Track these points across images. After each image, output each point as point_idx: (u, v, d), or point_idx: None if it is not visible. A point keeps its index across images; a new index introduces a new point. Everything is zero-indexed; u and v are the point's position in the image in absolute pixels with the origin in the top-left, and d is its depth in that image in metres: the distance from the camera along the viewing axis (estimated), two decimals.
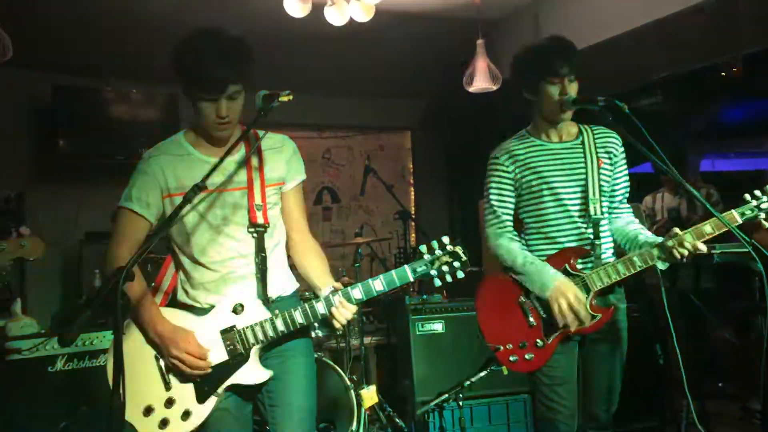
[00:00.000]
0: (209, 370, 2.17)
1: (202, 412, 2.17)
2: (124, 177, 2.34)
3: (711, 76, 4.90)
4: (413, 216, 7.00)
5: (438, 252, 2.18)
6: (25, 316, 4.53)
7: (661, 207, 4.96)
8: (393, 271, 2.17)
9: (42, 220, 5.69)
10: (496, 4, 5.45)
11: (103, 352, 3.82)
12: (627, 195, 2.82)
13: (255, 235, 2.27)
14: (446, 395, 3.85)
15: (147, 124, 5.81)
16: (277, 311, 2.21)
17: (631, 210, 2.83)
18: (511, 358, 2.56)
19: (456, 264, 2.17)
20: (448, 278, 2.18)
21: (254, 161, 2.31)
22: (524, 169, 2.66)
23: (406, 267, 2.17)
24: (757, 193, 2.53)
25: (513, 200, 2.70)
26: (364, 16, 4.56)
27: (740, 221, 2.51)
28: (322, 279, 2.31)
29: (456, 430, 3.99)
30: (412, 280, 2.16)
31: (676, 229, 2.50)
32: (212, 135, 2.24)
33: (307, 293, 2.88)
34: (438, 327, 4.49)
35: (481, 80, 5.16)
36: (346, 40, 5.22)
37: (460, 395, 3.80)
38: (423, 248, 2.18)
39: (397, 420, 4.47)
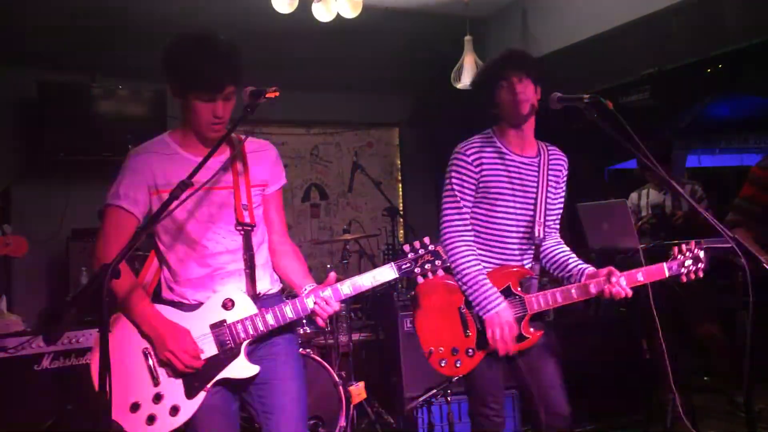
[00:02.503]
0: (194, 369, 2.18)
1: (191, 407, 2.17)
2: (111, 173, 2.33)
3: (697, 72, 4.93)
4: (401, 212, 7.01)
5: (421, 251, 2.25)
6: (10, 313, 4.50)
7: (646, 203, 4.98)
8: (379, 269, 2.24)
9: (28, 218, 5.66)
10: (484, 1, 5.45)
11: (89, 350, 3.81)
12: (560, 216, 2.87)
13: (242, 232, 2.30)
14: (434, 391, 3.86)
15: (134, 121, 5.78)
16: (268, 308, 2.24)
17: (558, 229, 2.88)
18: (441, 362, 2.64)
19: (437, 262, 2.25)
20: (430, 275, 2.26)
21: (239, 163, 2.34)
22: (487, 175, 2.66)
23: (392, 264, 2.25)
24: (683, 247, 2.67)
25: (473, 198, 2.68)
26: (351, 12, 4.56)
27: (668, 275, 2.65)
28: (303, 280, 2.36)
29: (444, 425, 4.00)
30: (397, 276, 2.23)
31: (614, 270, 2.58)
32: (205, 135, 2.25)
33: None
34: None
35: (469, 77, 5.17)
36: (334, 36, 5.21)
37: (449, 391, 3.82)
38: (407, 247, 2.27)
39: (386, 416, 4.48)
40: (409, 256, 2.25)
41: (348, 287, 2.23)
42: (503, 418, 2.71)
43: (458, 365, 2.63)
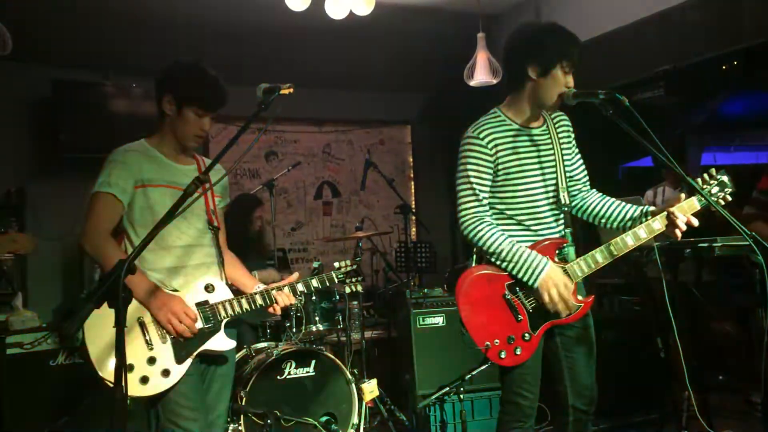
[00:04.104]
0: (195, 331, 2.48)
1: (179, 371, 2.46)
2: None
3: (713, 69, 4.88)
4: (414, 210, 7.00)
5: (349, 267, 2.95)
6: (26, 310, 4.53)
7: (661, 201, 4.95)
8: (327, 273, 2.86)
9: (43, 215, 5.70)
10: None
11: None
12: (586, 173, 2.82)
13: (212, 232, 2.69)
14: (447, 388, 3.85)
15: (147, 119, 5.79)
16: (242, 294, 2.66)
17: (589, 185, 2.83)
18: (501, 355, 2.55)
19: (359, 279, 2.98)
20: (353, 288, 2.98)
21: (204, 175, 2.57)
22: (504, 152, 2.59)
23: (333, 272, 2.91)
24: (705, 177, 2.59)
25: (490, 183, 2.61)
26: (364, 9, 4.55)
27: (699, 207, 2.58)
28: (249, 280, 2.82)
29: (457, 423, 4.00)
30: (336, 282, 2.90)
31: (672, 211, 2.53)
32: (187, 144, 2.61)
33: None
34: (439, 321, 4.49)
35: (482, 74, 5.16)
36: (347, 34, 5.21)
37: (461, 388, 3.81)
38: (337, 264, 2.95)
39: (398, 413, 4.48)
40: (342, 269, 2.94)
41: (302, 285, 2.75)
42: (535, 410, 2.64)
43: (518, 352, 2.54)
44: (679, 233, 2.54)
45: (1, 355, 3.91)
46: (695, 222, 2.53)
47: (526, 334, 2.55)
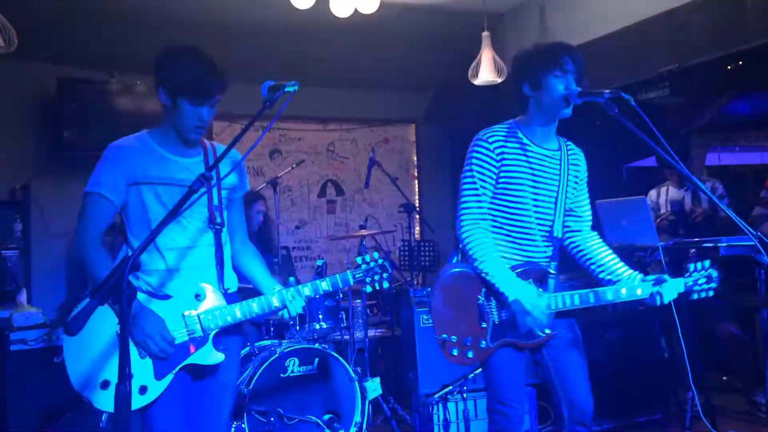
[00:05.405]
0: (166, 356, 2.30)
1: (158, 387, 2.30)
2: None
3: (718, 69, 4.87)
4: (418, 209, 7.00)
5: (372, 264, 2.55)
6: (30, 306, 4.55)
7: (665, 200, 4.94)
8: (338, 275, 2.51)
9: (48, 212, 5.72)
10: None
11: None
12: (590, 214, 2.82)
13: (213, 230, 2.48)
14: (450, 387, 3.86)
15: (152, 116, 5.76)
16: (236, 302, 2.43)
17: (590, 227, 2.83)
18: (453, 351, 2.59)
19: (385, 275, 2.57)
20: (377, 286, 2.57)
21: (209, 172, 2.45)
22: (507, 165, 2.61)
23: (348, 273, 2.54)
24: (698, 266, 2.66)
25: (492, 187, 2.63)
26: (369, 7, 4.55)
27: (683, 290, 2.63)
28: (267, 279, 2.57)
29: (460, 422, 4.00)
30: (351, 284, 2.53)
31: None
32: (186, 137, 2.42)
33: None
34: None
35: (487, 73, 5.15)
36: (351, 32, 5.21)
37: (465, 387, 3.82)
38: (359, 260, 2.55)
39: (402, 412, 4.48)
40: (362, 267, 2.54)
41: (309, 289, 2.47)
42: (522, 416, 2.67)
43: (469, 356, 2.58)
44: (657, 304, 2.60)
45: (5, 352, 3.92)
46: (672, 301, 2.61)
47: (483, 342, 2.59)
